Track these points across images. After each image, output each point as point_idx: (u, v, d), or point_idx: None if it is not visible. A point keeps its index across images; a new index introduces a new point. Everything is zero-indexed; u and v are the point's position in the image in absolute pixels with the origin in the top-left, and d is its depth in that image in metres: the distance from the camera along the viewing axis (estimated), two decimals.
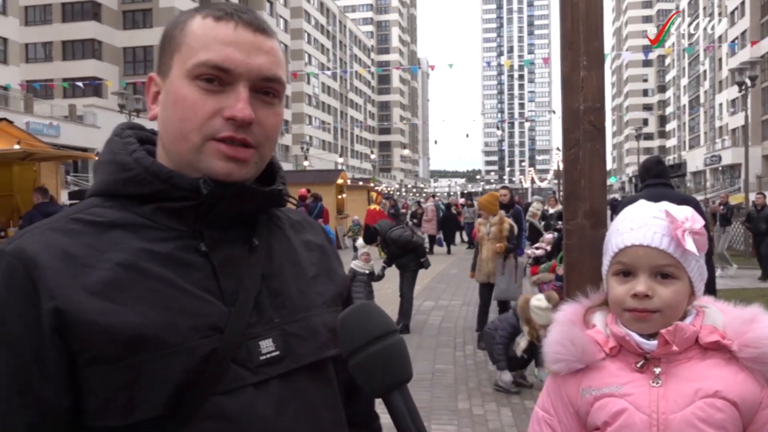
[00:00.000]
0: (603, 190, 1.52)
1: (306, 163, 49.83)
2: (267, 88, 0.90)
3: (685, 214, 1.18)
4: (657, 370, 1.16)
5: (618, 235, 1.21)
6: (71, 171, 33.00)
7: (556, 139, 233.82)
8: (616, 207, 9.26)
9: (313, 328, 0.94)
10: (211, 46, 0.87)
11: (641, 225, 1.18)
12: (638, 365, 1.18)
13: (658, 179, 4.79)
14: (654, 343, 1.16)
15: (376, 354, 0.81)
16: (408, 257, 8.29)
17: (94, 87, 39.51)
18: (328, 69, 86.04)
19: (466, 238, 22.05)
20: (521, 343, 5.43)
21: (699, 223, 1.17)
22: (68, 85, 34.82)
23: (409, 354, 0.87)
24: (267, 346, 0.88)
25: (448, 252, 19.68)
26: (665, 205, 1.21)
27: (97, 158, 0.98)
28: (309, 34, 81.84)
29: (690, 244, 1.14)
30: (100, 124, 35.65)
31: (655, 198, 4.75)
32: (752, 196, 25.13)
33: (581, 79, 1.49)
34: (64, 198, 10.87)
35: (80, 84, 32.29)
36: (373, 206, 18.10)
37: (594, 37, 1.50)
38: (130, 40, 45.95)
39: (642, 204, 1.24)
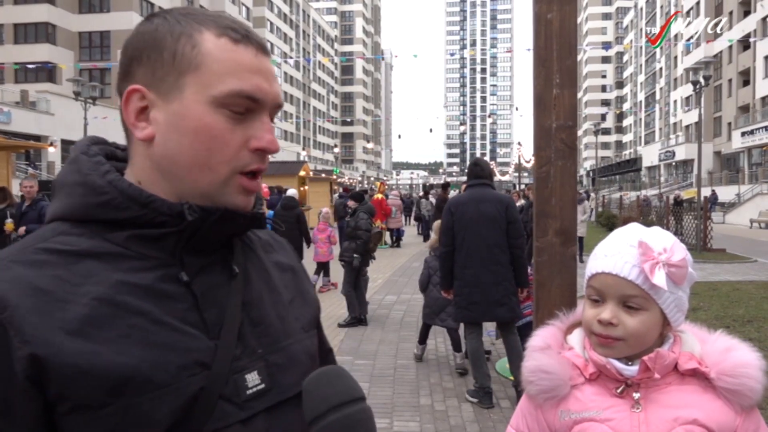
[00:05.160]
0: (573, 208, 1.50)
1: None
2: (273, 113, 0.87)
3: (664, 244, 1.15)
4: (636, 396, 1.17)
5: (594, 260, 1.21)
6: (24, 159, 31.95)
7: (517, 133, 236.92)
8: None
9: (295, 356, 0.90)
10: (240, 74, 0.81)
11: (615, 253, 1.17)
12: (618, 390, 1.18)
13: (478, 179, 5.37)
14: (634, 368, 1.16)
15: (335, 423, 0.76)
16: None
17: (47, 72, 38.23)
18: (291, 58, 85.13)
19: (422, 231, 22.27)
20: None
21: (679, 254, 1.15)
22: (19, 67, 33.58)
23: (374, 420, 0.82)
24: (253, 379, 0.83)
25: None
26: (643, 233, 1.18)
27: (57, 177, 0.88)
28: (272, 23, 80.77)
29: (659, 278, 1.12)
30: (53, 110, 34.56)
31: (477, 195, 4.99)
32: (705, 191, 26.00)
33: (554, 97, 1.47)
34: (16, 189, 10.46)
35: (32, 67, 31.14)
36: (377, 195, 18.33)
37: (567, 55, 1.48)
38: (86, 25, 44.47)
39: (623, 230, 1.22)
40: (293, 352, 0.91)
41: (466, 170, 5.72)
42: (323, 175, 35.18)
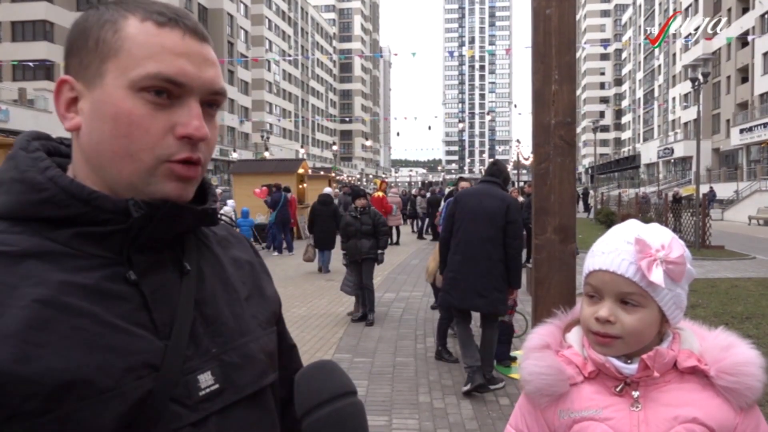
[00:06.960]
0: (572, 205, 1.50)
1: (267, 154, 49.21)
2: (212, 101, 0.84)
3: (662, 241, 1.14)
4: (635, 394, 1.16)
5: (591, 257, 1.20)
6: None
7: (516, 130, 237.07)
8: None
9: (251, 355, 0.88)
10: (160, 57, 0.77)
11: (612, 250, 1.16)
12: (617, 389, 1.17)
13: (490, 177, 5.66)
14: (633, 367, 1.15)
15: (326, 417, 0.77)
16: None
17: (45, 70, 38.12)
18: (290, 56, 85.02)
19: (415, 228, 22.31)
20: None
21: (677, 251, 1.14)
22: (17, 64, 33.52)
23: (366, 415, 0.82)
24: (206, 379, 0.81)
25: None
26: (641, 230, 1.17)
27: None
28: (270, 20, 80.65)
29: (656, 276, 1.11)
30: (51, 108, 34.44)
31: (483, 190, 5.27)
32: (704, 188, 26.00)
33: (552, 93, 1.46)
34: None
35: (30, 65, 31.12)
36: (377, 193, 18.38)
37: (566, 51, 1.47)
38: None
39: (621, 227, 1.21)
40: (249, 351, 0.88)
41: (488, 168, 5.99)
42: (322, 173, 35.10)
